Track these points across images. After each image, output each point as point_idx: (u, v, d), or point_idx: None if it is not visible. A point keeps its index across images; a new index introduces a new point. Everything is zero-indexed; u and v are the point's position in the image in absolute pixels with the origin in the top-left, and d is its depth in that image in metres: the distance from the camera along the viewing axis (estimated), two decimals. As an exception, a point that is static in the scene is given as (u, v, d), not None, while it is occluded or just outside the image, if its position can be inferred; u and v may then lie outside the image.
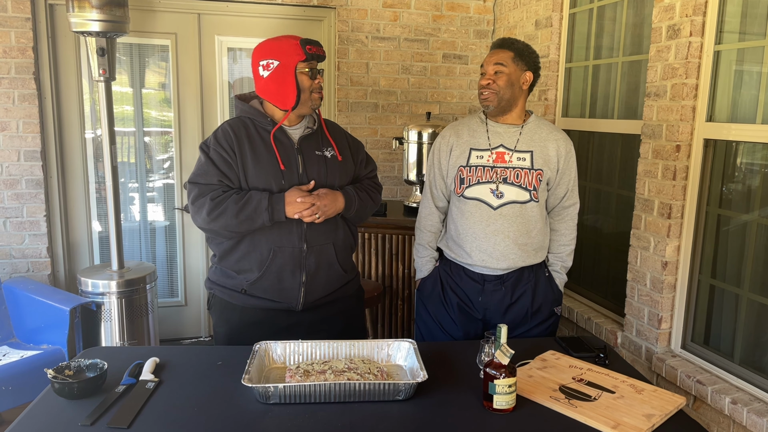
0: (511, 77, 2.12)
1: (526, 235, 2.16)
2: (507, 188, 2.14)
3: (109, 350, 2.21)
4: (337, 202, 1.96)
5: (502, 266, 2.17)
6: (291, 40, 1.91)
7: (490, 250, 2.15)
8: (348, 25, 3.78)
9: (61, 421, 1.45)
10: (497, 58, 2.13)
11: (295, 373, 1.60)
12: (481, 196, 2.15)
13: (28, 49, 3.33)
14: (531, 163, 2.14)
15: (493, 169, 2.15)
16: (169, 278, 3.92)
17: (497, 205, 2.14)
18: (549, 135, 2.18)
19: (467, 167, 2.17)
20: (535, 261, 2.22)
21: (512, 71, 2.12)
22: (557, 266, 2.28)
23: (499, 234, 2.14)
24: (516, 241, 2.15)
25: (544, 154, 2.16)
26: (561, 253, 2.28)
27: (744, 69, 2.31)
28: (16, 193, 3.43)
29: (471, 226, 2.17)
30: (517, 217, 2.14)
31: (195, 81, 3.71)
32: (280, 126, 1.96)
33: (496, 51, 2.16)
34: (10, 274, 3.45)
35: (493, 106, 2.14)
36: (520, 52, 2.14)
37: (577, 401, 1.57)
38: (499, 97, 2.12)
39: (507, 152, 2.15)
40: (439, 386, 1.64)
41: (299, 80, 1.91)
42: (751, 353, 2.30)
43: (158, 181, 3.85)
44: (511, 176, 2.13)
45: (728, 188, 2.39)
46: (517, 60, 2.13)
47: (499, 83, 2.11)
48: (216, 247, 2.02)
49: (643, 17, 2.77)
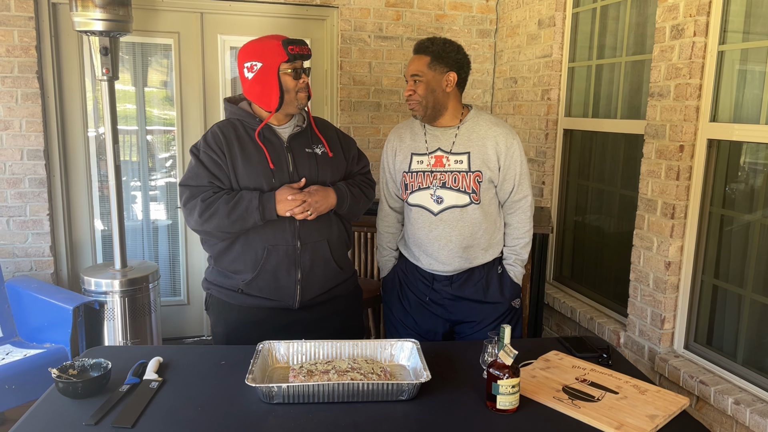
0: (431, 84, 2.07)
1: (469, 237, 2.13)
2: (446, 193, 2.11)
3: (112, 350, 2.21)
4: (329, 199, 1.96)
5: (448, 270, 2.17)
6: (273, 41, 1.91)
7: (435, 255, 2.16)
8: (350, 25, 3.78)
9: (65, 420, 1.45)
10: (413, 68, 2.09)
11: (298, 372, 1.60)
12: (422, 202, 2.14)
13: (31, 48, 3.33)
14: (468, 165, 2.10)
15: (432, 173, 2.12)
16: (171, 277, 3.93)
17: (437, 211, 2.13)
18: (488, 132, 2.12)
19: (409, 173, 2.16)
20: (486, 260, 2.19)
21: (430, 78, 2.07)
22: (511, 259, 2.23)
23: (441, 239, 2.13)
24: (459, 245, 2.13)
25: (482, 153, 2.11)
26: (515, 246, 2.23)
27: (748, 69, 2.30)
28: (19, 191, 3.43)
29: (416, 231, 2.18)
30: (458, 221, 2.12)
31: (197, 80, 3.71)
32: (269, 125, 1.97)
33: (413, 59, 2.11)
34: (13, 272, 3.45)
35: (421, 115, 2.12)
36: (438, 55, 2.07)
37: (580, 402, 1.57)
38: (423, 105, 2.09)
39: (444, 155, 2.13)
40: (442, 386, 1.64)
41: (282, 81, 1.90)
42: (754, 354, 2.30)
43: (161, 180, 3.85)
44: (450, 180, 2.11)
45: (731, 188, 2.39)
46: (434, 64, 2.07)
47: (419, 92, 2.08)
48: (210, 249, 2.02)
49: (646, 17, 2.76)
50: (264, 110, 1.97)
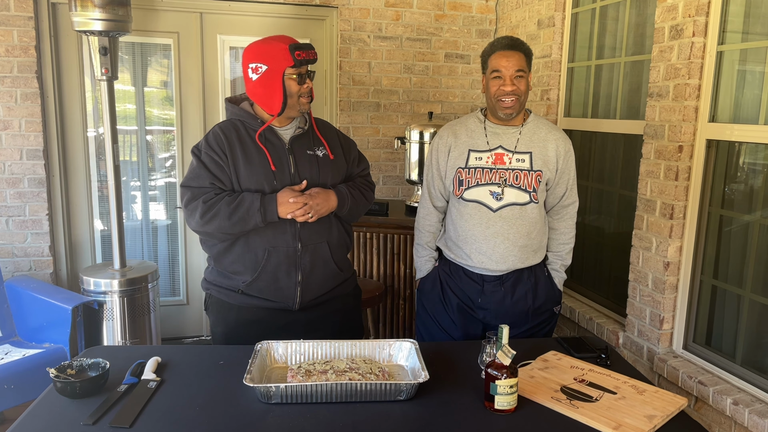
0: (529, 82, 2.12)
1: (526, 236, 2.15)
2: (507, 190, 2.13)
3: (110, 349, 2.21)
4: (330, 201, 1.96)
5: (502, 268, 2.16)
6: (280, 44, 1.88)
7: (489, 253, 2.15)
8: (350, 25, 3.78)
9: (63, 420, 1.45)
10: (518, 64, 2.06)
11: (296, 372, 1.60)
12: (480, 198, 2.14)
13: (30, 48, 3.33)
14: (530, 164, 2.13)
15: (492, 170, 2.13)
16: (170, 277, 3.93)
17: (497, 208, 2.13)
18: (548, 135, 2.17)
19: (466, 169, 2.16)
20: (534, 261, 2.21)
21: (528, 76, 2.11)
22: (557, 265, 2.28)
23: (499, 236, 2.13)
24: (516, 243, 2.14)
25: (543, 154, 2.14)
26: (561, 251, 2.28)
27: (747, 69, 2.30)
28: (19, 191, 3.43)
29: (470, 228, 2.16)
30: (517, 219, 2.13)
31: (197, 80, 3.71)
32: (270, 127, 1.97)
33: (511, 54, 2.07)
34: (12, 272, 3.45)
35: (515, 113, 2.11)
36: (529, 55, 2.12)
37: (578, 402, 1.57)
38: (521, 102, 2.10)
39: (506, 153, 2.14)
40: (440, 386, 1.64)
41: (287, 86, 1.89)
42: (753, 354, 2.30)
43: (160, 180, 3.85)
44: (511, 178, 2.12)
45: (730, 189, 2.39)
46: (529, 63, 2.11)
47: (521, 89, 2.08)
48: (210, 250, 2.02)
49: (645, 17, 2.76)
50: (266, 112, 1.97)
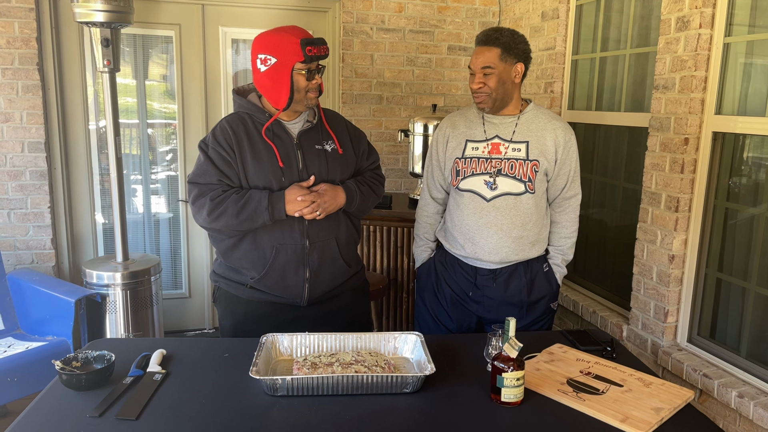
0: (502, 76, 2.05)
1: (520, 227, 2.12)
2: (501, 180, 2.10)
3: (115, 342, 2.20)
4: (338, 198, 1.94)
5: (494, 260, 2.14)
6: (292, 38, 1.83)
7: (481, 243, 2.13)
8: (353, 17, 3.76)
9: (69, 412, 1.45)
10: (483, 60, 2.04)
11: (302, 365, 1.60)
12: (474, 187, 2.13)
13: (31, 40, 3.31)
14: (526, 153, 2.10)
15: (488, 160, 2.11)
16: (173, 270, 3.92)
17: (490, 197, 2.11)
18: (547, 124, 2.13)
19: (462, 159, 2.14)
20: (532, 255, 2.18)
21: (501, 70, 2.04)
22: (558, 259, 2.24)
23: (492, 226, 2.11)
24: (509, 234, 2.11)
25: (540, 144, 2.11)
26: (562, 245, 2.24)
27: (753, 61, 2.29)
28: (20, 184, 3.42)
29: (464, 218, 2.15)
30: (511, 209, 2.11)
31: (199, 72, 3.69)
32: (278, 121, 1.94)
33: (481, 50, 2.06)
34: (14, 265, 3.45)
35: (488, 108, 2.10)
36: (507, 47, 2.04)
37: (585, 394, 1.57)
38: (493, 98, 2.07)
39: (502, 143, 2.12)
40: (446, 379, 1.64)
41: (295, 80, 1.85)
42: (758, 347, 2.30)
43: (162, 173, 3.84)
44: (506, 167, 2.10)
45: (736, 181, 2.38)
46: (505, 56, 2.04)
47: (490, 85, 2.05)
48: (218, 245, 2.00)
49: (651, 9, 2.74)
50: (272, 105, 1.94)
